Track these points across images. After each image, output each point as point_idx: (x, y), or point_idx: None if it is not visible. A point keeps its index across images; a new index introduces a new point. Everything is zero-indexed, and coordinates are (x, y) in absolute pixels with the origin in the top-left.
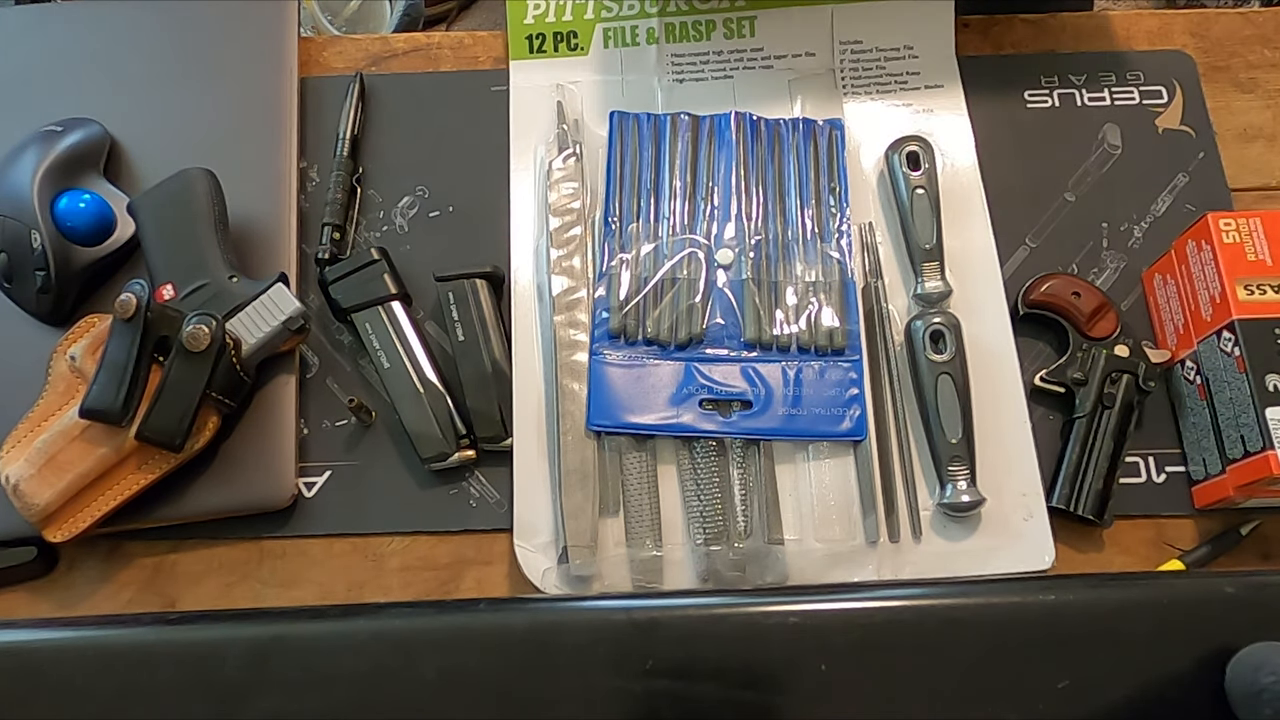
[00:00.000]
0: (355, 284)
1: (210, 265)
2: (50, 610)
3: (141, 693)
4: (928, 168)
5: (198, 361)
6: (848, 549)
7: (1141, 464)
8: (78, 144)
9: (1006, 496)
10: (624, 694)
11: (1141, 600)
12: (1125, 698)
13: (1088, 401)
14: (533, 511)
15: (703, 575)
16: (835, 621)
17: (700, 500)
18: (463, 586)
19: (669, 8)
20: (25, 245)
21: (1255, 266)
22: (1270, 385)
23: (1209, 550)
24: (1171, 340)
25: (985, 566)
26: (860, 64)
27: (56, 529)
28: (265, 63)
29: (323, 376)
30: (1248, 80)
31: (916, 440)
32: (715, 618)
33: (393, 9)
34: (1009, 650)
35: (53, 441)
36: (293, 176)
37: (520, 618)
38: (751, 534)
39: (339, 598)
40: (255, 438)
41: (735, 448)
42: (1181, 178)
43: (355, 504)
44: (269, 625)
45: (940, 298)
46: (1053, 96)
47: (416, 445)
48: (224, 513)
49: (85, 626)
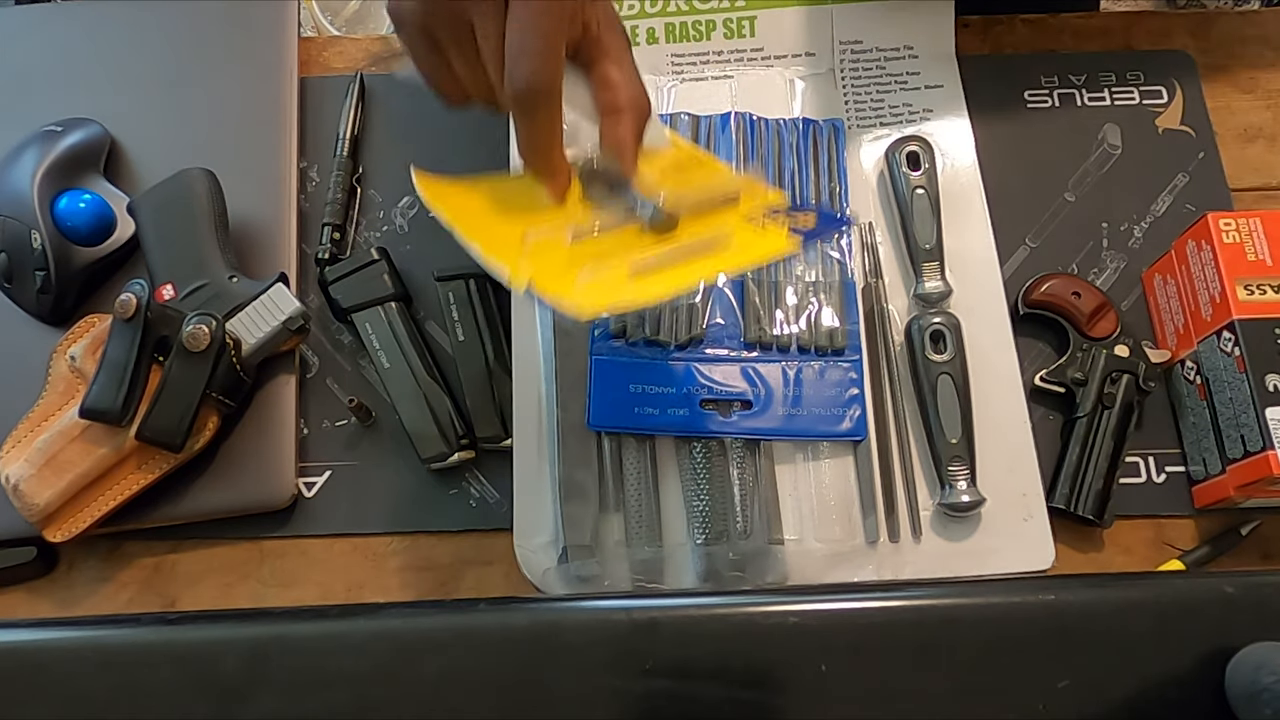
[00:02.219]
0: (355, 284)
1: (210, 265)
2: (50, 610)
3: (141, 693)
4: (928, 168)
5: (198, 361)
6: (848, 549)
7: (1141, 464)
8: (78, 144)
9: (1006, 496)
10: (624, 694)
11: (1141, 600)
12: (1125, 698)
13: (1088, 401)
14: (533, 511)
15: (703, 575)
16: (835, 621)
17: (700, 500)
18: (463, 586)
19: (669, 8)
20: (25, 245)
21: (1255, 266)
22: (1270, 385)
23: (1209, 550)
24: (1171, 340)
25: (985, 566)
26: (860, 64)
27: (56, 529)
28: (265, 63)
29: (323, 376)
30: (1248, 80)
31: (916, 440)
32: (715, 618)
33: None
34: (1009, 650)
35: (53, 441)
36: (293, 176)
37: (520, 618)
38: (751, 534)
39: (339, 598)
40: (255, 438)
41: (735, 448)
42: (1181, 178)
43: (355, 504)
44: (269, 625)
45: (940, 298)
46: (1053, 96)
47: (416, 445)
48: (224, 513)
49: (85, 626)
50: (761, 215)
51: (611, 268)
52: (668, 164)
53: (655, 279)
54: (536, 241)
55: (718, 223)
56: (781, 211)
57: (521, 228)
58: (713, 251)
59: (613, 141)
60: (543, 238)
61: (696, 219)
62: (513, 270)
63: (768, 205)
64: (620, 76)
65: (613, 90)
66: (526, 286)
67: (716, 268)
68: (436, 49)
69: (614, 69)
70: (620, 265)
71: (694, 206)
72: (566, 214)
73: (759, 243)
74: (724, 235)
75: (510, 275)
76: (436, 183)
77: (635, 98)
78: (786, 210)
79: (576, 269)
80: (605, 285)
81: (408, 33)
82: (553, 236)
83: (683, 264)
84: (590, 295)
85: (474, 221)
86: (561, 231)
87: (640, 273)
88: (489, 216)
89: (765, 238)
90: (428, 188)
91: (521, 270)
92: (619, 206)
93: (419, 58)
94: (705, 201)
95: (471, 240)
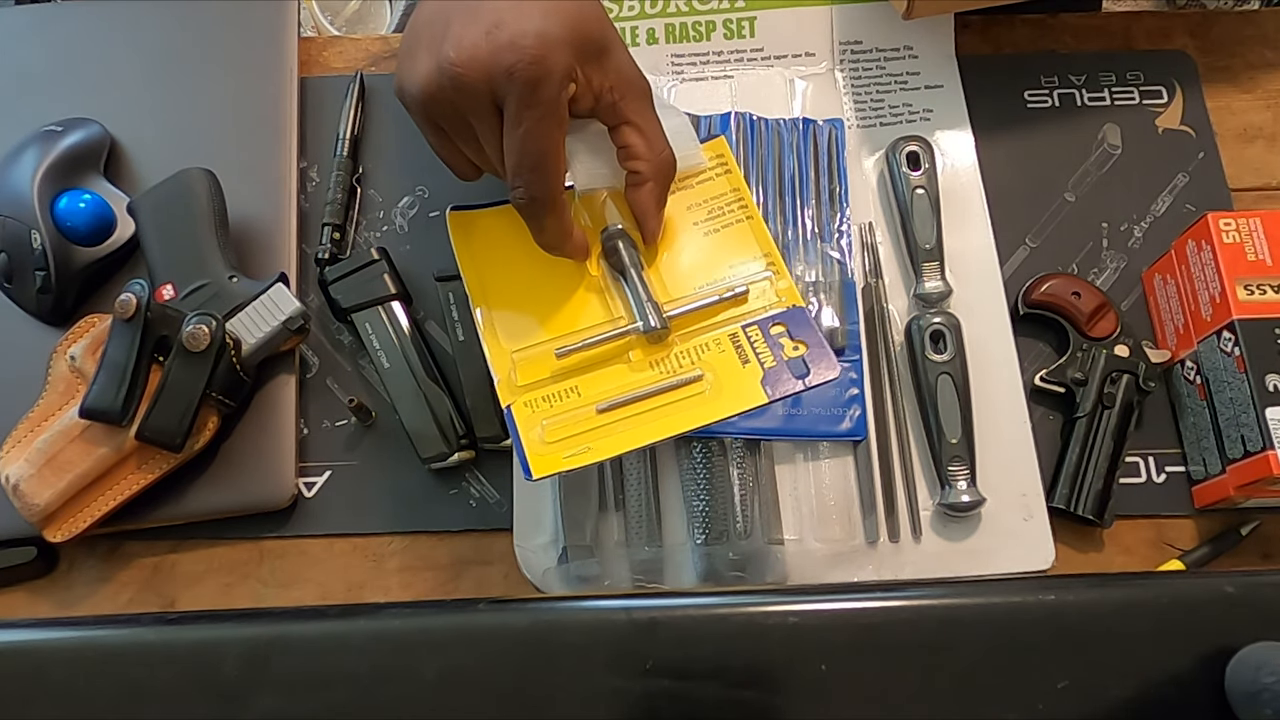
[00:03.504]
0: (355, 284)
1: (210, 265)
2: (50, 610)
3: (141, 693)
4: (928, 168)
5: (198, 361)
6: (848, 549)
7: (1141, 464)
8: (78, 144)
9: (1006, 496)
10: (624, 694)
11: (1141, 600)
12: (1125, 698)
13: (1088, 401)
14: (533, 511)
15: (703, 575)
16: (835, 621)
17: (700, 500)
18: (463, 586)
19: (669, 8)
20: (25, 245)
21: (1255, 266)
22: (1270, 385)
23: (1209, 550)
24: (1171, 340)
25: (985, 566)
26: (860, 64)
27: (56, 529)
28: (265, 63)
29: (323, 376)
30: (1248, 80)
31: (916, 440)
32: (715, 618)
33: (392, 9)
34: (1009, 650)
35: (53, 441)
36: (293, 176)
37: (520, 618)
38: (751, 534)
39: (339, 598)
40: (255, 438)
41: (735, 448)
42: (1181, 178)
43: (355, 504)
44: (269, 625)
45: (940, 298)
46: (1053, 96)
47: (416, 445)
48: (224, 513)
49: (85, 626)
50: (755, 330)
51: (579, 412)
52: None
53: (616, 433)
54: (526, 356)
55: (705, 345)
56: (783, 331)
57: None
58: (682, 399)
59: (636, 210)
60: (532, 352)
61: (690, 328)
62: (502, 380)
63: (778, 307)
64: (640, 142)
65: (634, 159)
66: (507, 406)
67: (675, 427)
68: (444, 136)
69: (633, 135)
70: (592, 398)
71: (696, 315)
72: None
73: (732, 391)
74: (703, 373)
75: (498, 382)
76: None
77: (658, 165)
78: (788, 330)
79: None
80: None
81: (415, 118)
82: (544, 349)
83: (647, 413)
84: (546, 454)
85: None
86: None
87: (606, 411)
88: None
89: (739, 384)
90: (459, 231)
91: (508, 386)
92: (624, 291)
93: (427, 138)
94: (708, 308)
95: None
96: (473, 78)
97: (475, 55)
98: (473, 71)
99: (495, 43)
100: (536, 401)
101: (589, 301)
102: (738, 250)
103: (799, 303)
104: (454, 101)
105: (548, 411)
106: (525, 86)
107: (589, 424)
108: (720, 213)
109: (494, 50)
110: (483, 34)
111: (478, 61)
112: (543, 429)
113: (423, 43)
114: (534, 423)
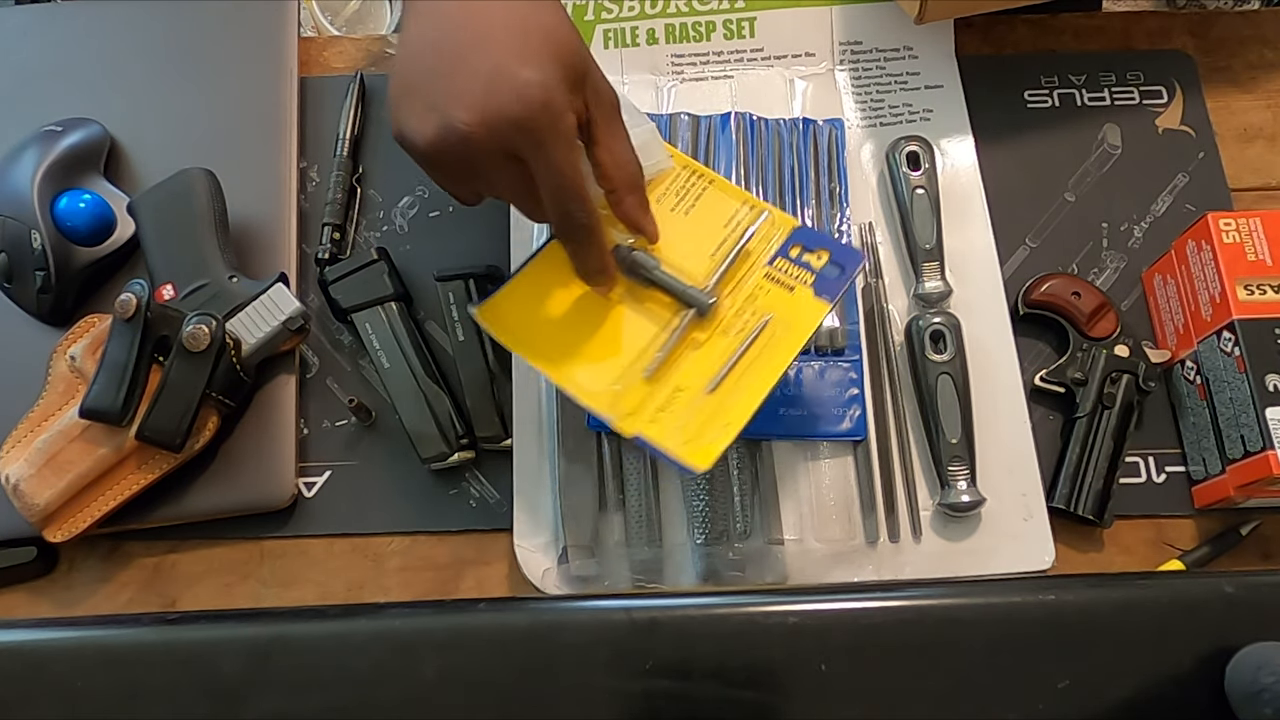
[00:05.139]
0: (355, 284)
1: (210, 265)
2: (50, 610)
3: (141, 693)
4: (928, 168)
5: (198, 361)
6: (848, 549)
7: (1141, 464)
8: (78, 144)
9: (1006, 496)
10: (624, 694)
11: (1141, 600)
12: (1125, 698)
13: (1088, 401)
14: (533, 511)
15: (703, 575)
16: (835, 621)
17: (700, 500)
18: (463, 586)
19: (669, 8)
20: (25, 245)
21: (1255, 266)
22: (1270, 385)
23: (1209, 550)
24: (1171, 340)
25: (985, 566)
26: (860, 64)
27: (56, 529)
28: (265, 63)
29: (323, 376)
30: (1248, 80)
31: (916, 440)
32: (715, 618)
33: (392, 9)
34: (1009, 650)
35: (53, 441)
36: (293, 176)
37: (520, 618)
38: (751, 534)
39: (339, 598)
40: (255, 438)
41: (735, 448)
42: (1181, 178)
43: (355, 504)
44: (269, 625)
45: (940, 298)
46: (1053, 96)
47: (416, 445)
48: (224, 513)
49: (85, 626)
50: (781, 261)
51: (695, 404)
52: (673, 195)
53: (735, 400)
54: (617, 390)
55: (751, 295)
56: (801, 250)
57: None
58: (765, 345)
59: (627, 222)
60: (622, 384)
61: (729, 291)
62: (615, 418)
63: (783, 235)
64: (609, 158)
65: (606, 178)
66: (635, 435)
67: (779, 366)
68: (449, 180)
69: (603, 153)
70: (696, 388)
71: (728, 276)
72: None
73: (797, 316)
74: (764, 317)
75: (613, 421)
76: (496, 312)
77: (626, 178)
78: (804, 247)
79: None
80: (702, 427)
81: (418, 163)
82: (631, 375)
83: (749, 372)
84: (697, 447)
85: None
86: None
87: (715, 389)
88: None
89: (798, 307)
90: (494, 323)
91: (625, 419)
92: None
93: (432, 178)
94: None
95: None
96: (483, 135)
97: (484, 115)
98: (482, 130)
99: (499, 98)
100: (655, 416)
101: (633, 319)
102: (720, 211)
103: (794, 223)
104: (465, 158)
105: (671, 420)
106: (541, 134)
107: (709, 407)
108: (686, 190)
109: (501, 106)
110: (483, 90)
111: (487, 121)
112: (679, 432)
113: (420, 95)
114: (668, 433)
